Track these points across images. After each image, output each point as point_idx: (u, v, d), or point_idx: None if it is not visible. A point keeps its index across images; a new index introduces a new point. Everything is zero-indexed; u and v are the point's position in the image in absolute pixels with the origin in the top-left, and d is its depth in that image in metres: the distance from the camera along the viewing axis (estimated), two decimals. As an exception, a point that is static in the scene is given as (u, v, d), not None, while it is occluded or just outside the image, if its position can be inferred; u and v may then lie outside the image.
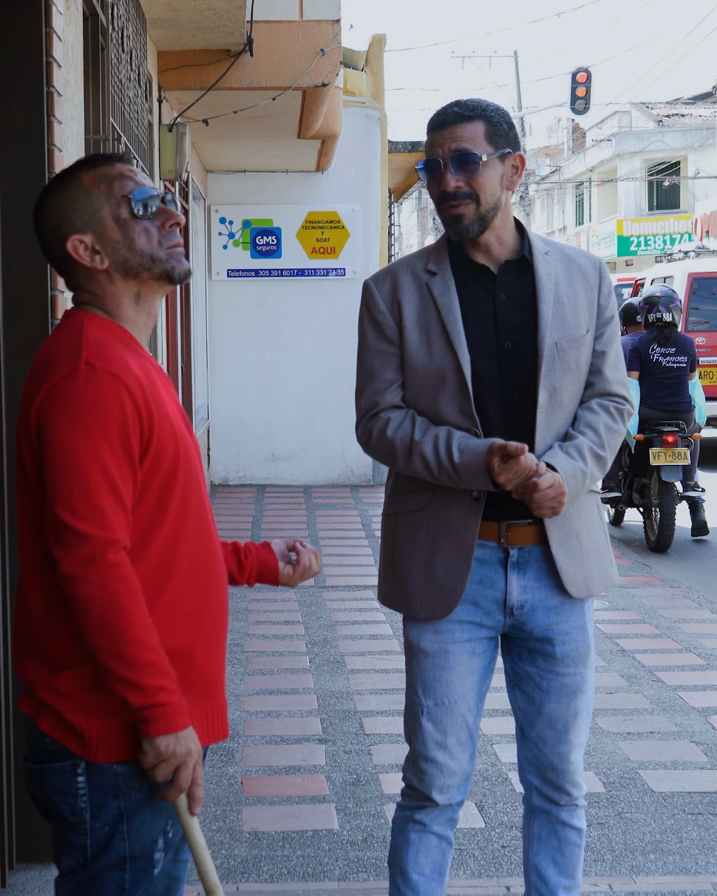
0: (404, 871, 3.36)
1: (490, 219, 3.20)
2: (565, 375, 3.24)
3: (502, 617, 3.28)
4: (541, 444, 3.22)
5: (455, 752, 3.31)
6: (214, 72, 9.15)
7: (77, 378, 2.40)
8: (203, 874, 2.50)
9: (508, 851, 4.56)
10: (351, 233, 14.23)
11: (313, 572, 2.85)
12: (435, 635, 3.29)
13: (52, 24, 4.27)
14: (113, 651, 2.37)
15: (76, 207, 2.53)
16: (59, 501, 2.38)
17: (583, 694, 3.34)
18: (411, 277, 3.28)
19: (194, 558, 2.53)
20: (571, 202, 49.08)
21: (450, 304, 3.22)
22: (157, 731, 2.38)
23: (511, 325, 3.24)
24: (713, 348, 16.37)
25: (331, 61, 9.37)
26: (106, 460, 2.38)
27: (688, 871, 4.42)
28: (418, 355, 3.24)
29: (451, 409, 3.22)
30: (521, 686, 3.37)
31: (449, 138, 3.17)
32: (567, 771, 3.36)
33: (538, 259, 3.26)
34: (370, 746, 5.62)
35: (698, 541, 11.12)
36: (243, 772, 5.32)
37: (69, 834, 2.49)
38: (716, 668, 6.94)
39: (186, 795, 2.45)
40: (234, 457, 14.43)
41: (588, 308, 3.28)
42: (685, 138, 40.44)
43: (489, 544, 3.26)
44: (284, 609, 8.34)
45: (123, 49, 6.71)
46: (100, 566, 2.36)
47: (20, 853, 4.35)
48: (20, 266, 4.21)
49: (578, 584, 3.28)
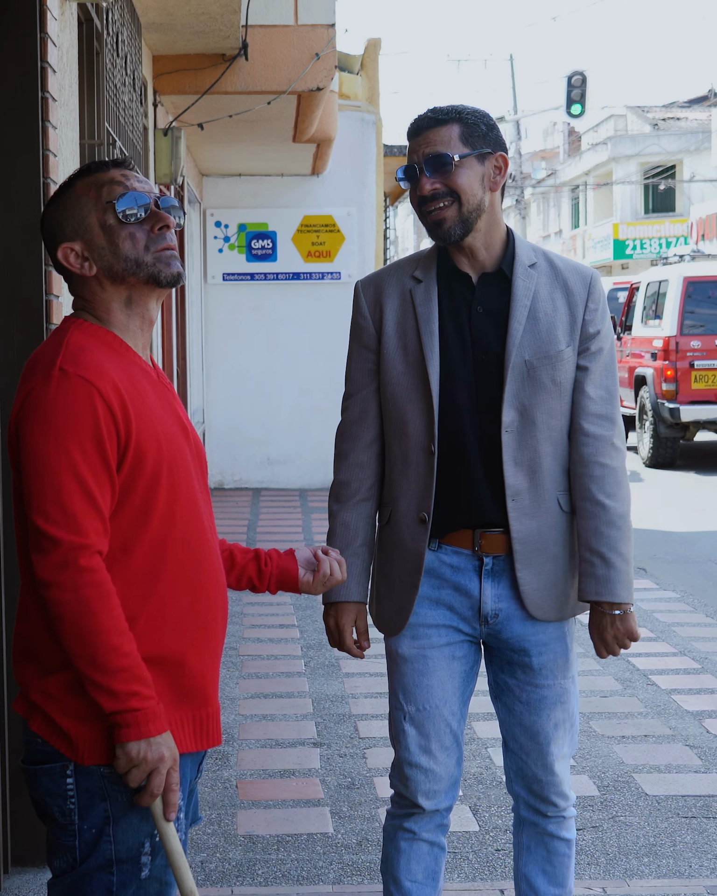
0: (397, 878, 3.34)
1: (473, 220, 3.16)
2: (537, 393, 3.18)
3: (478, 625, 3.25)
4: (509, 465, 3.17)
5: (440, 756, 3.29)
6: (209, 76, 9.17)
7: (49, 384, 2.41)
8: (179, 879, 2.50)
9: (502, 855, 4.56)
10: (346, 236, 14.25)
11: (336, 580, 2.81)
12: (413, 640, 3.27)
13: (47, 29, 4.28)
14: (86, 656, 2.38)
15: (68, 215, 2.55)
16: (33, 507, 2.39)
17: (564, 705, 3.30)
18: (396, 284, 3.27)
19: (185, 564, 2.53)
20: (567, 205, 49.10)
21: (429, 314, 3.20)
22: (128, 736, 2.39)
23: (485, 339, 3.20)
24: (708, 352, 16.39)
25: (326, 65, 9.39)
26: (79, 465, 2.39)
27: (682, 874, 4.43)
28: (393, 363, 3.23)
29: (416, 424, 3.20)
30: (502, 698, 3.34)
31: (424, 143, 3.15)
32: (552, 782, 3.32)
33: (519, 272, 3.21)
34: (365, 750, 5.63)
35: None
36: (238, 775, 5.33)
37: (60, 835, 2.51)
38: (710, 671, 6.95)
39: (160, 801, 2.45)
40: (229, 461, 14.43)
41: (570, 323, 3.21)
42: (681, 142, 40.48)
43: (464, 552, 3.23)
44: (280, 613, 8.35)
45: (118, 54, 6.72)
46: (71, 571, 2.37)
47: (15, 857, 4.35)
48: (15, 270, 4.22)
49: (544, 608, 3.22)
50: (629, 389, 17.88)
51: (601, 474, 3.22)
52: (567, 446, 3.25)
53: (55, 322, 4.33)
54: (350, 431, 3.32)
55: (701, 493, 14.44)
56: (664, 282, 17.34)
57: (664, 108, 46.23)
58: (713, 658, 7.22)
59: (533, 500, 3.20)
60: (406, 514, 3.24)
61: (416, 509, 3.22)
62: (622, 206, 42.10)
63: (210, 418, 14.41)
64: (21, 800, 4.18)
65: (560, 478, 3.24)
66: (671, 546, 10.93)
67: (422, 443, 3.20)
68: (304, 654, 7.27)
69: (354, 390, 3.31)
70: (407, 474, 3.23)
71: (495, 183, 3.19)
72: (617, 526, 3.22)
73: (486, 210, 3.18)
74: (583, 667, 6.94)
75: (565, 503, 3.24)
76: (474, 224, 3.17)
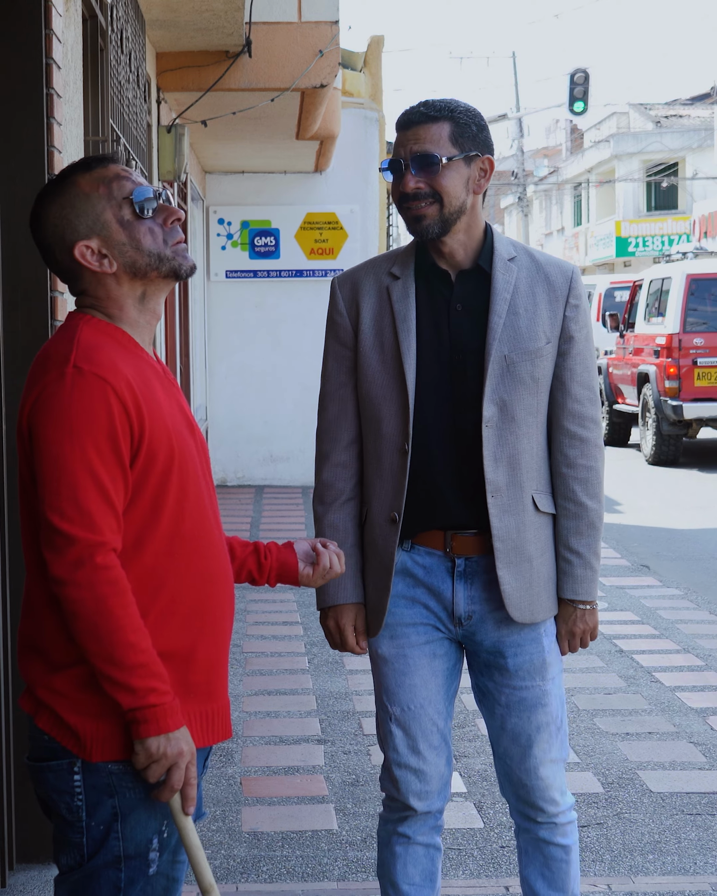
0: (395, 883, 3.31)
1: (453, 221, 3.11)
2: (516, 389, 3.14)
3: (452, 626, 3.23)
4: (489, 460, 3.14)
5: (429, 756, 3.26)
6: (213, 73, 9.16)
7: (64, 381, 2.40)
8: (198, 874, 2.50)
9: (507, 851, 4.56)
10: (349, 234, 14.24)
11: (336, 573, 2.81)
12: (391, 640, 3.25)
13: (52, 25, 4.28)
14: (103, 653, 2.37)
15: (78, 213, 2.52)
16: (48, 504, 2.39)
17: (545, 707, 3.24)
18: (373, 280, 3.22)
19: (194, 559, 2.53)
20: (569, 203, 49.08)
21: (406, 311, 3.16)
22: (148, 731, 2.39)
23: (463, 336, 3.16)
24: (711, 349, 16.39)
25: (329, 62, 9.38)
26: (94, 463, 2.39)
27: (687, 871, 4.43)
28: (370, 361, 3.19)
29: (390, 422, 3.17)
30: (484, 702, 3.31)
31: (412, 139, 3.10)
32: (537, 787, 3.27)
33: (498, 267, 3.16)
34: (369, 747, 5.63)
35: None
36: (243, 772, 5.33)
37: (67, 832, 2.51)
38: (714, 668, 6.95)
39: (179, 795, 2.46)
40: (232, 457, 14.44)
41: (550, 319, 3.16)
42: (684, 139, 40.45)
43: (436, 553, 3.21)
44: (283, 610, 8.35)
45: (123, 50, 6.72)
46: (88, 569, 2.36)
47: (20, 853, 4.35)
48: (20, 268, 4.22)
49: (522, 609, 3.19)
50: (631, 387, 17.87)
51: (586, 476, 3.22)
52: (544, 444, 3.22)
53: (60, 318, 4.33)
54: (330, 432, 3.28)
55: (705, 490, 14.44)
56: (667, 279, 17.31)
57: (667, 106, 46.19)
58: (716, 655, 7.23)
59: (512, 498, 3.16)
60: (378, 514, 3.21)
61: (388, 509, 3.19)
62: (625, 203, 42.07)
63: (213, 415, 14.42)
64: (26, 796, 4.19)
65: (536, 476, 3.20)
66: (675, 543, 10.93)
67: (396, 442, 3.16)
68: (307, 651, 7.27)
69: (331, 388, 3.27)
70: (381, 473, 3.20)
71: (479, 186, 3.14)
72: (597, 527, 3.25)
73: (467, 212, 3.14)
74: (586, 664, 6.95)
75: (540, 502, 3.20)
76: (453, 225, 3.13)
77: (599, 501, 3.25)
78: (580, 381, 3.21)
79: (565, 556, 3.23)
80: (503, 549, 3.16)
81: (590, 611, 3.27)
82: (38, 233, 2.57)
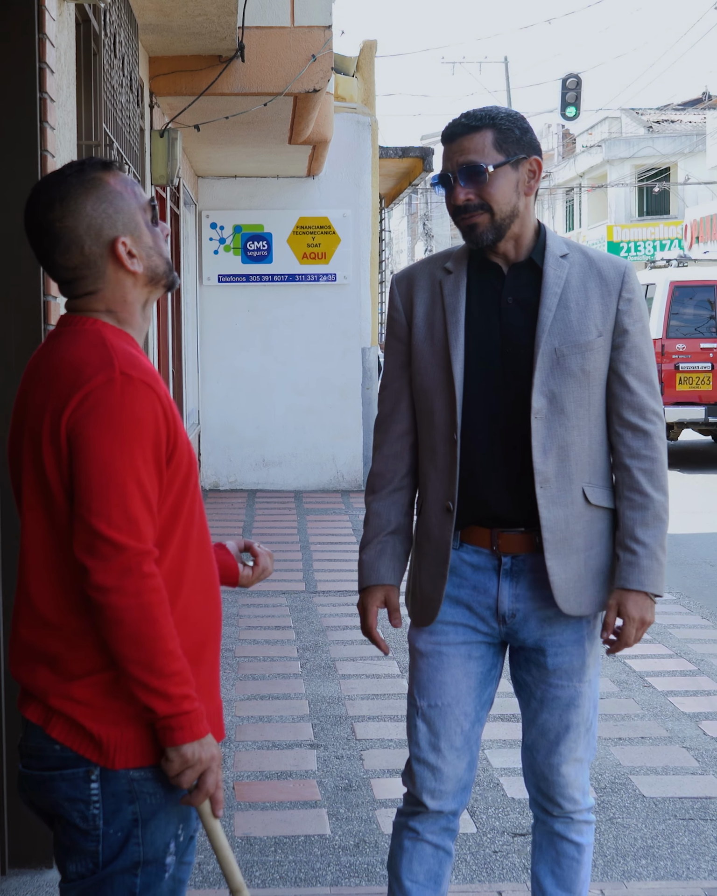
0: (399, 876, 3.34)
1: (507, 227, 3.17)
2: (566, 381, 3.18)
3: (496, 624, 3.27)
4: (538, 451, 3.17)
5: (448, 756, 3.28)
6: (206, 77, 9.17)
7: (113, 387, 2.37)
8: (228, 875, 2.54)
9: (499, 857, 4.56)
10: (342, 238, 14.25)
11: (268, 573, 2.85)
12: (429, 636, 3.29)
13: (45, 29, 4.27)
14: (143, 660, 2.36)
15: (116, 209, 2.48)
16: (93, 511, 2.35)
17: (578, 708, 3.29)
18: (427, 276, 3.29)
19: (199, 563, 2.53)
20: (561, 208, 49.15)
21: (456, 304, 3.22)
22: (183, 738, 2.39)
23: (514, 328, 3.21)
24: (692, 354, 17.11)
25: (322, 67, 9.39)
26: (140, 470, 2.37)
27: (679, 876, 4.43)
28: (422, 353, 3.26)
29: (442, 412, 3.23)
30: (520, 694, 3.36)
31: (457, 151, 3.14)
32: (558, 783, 3.31)
33: (549, 263, 3.21)
34: (362, 751, 5.63)
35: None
36: (235, 777, 5.32)
37: (78, 840, 2.47)
38: (707, 673, 6.95)
39: (209, 799, 2.48)
40: (224, 462, 14.43)
41: (602, 313, 3.20)
42: (675, 144, 40.54)
43: (483, 551, 3.25)
44: (276, 614, 8.34)
45: (115, 55, 6.72)
46: (135, 577, 2.35)
47: (12, 858, 4.34)
48: (13, 271, 4.21)
49: (570, 601, 3.22)
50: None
51: (650, 468, 3.24)
52: (598, 437, 3.24)
53: (52, 323, 4.32)
54: (384, 423, 3.37)
55: (690, 493, 14.46)
56: (651, 285, 17.80)
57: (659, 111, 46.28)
58: (709, 660, 7.23)
59: (560, 489, 3.19)
60: (434, 503, 3.27)
61: (443, 499, 3.24)
62: (617, 208, 42.16)
63: (205, 420, 14.41)
64: (18, 802, 4.17)
65: (588, 469, 3.23)
66: (667, 549, 10.90)
67: (446, 432, 3.22)
68: (300, 656, 7.27)
69: (386, 382, 3.36)
70: (435, 464, 3.26)
71: (529, 187, 3.19)
72: (663, 520, 3.26)
73: (519, 214, 3.19)
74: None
75: (591, 495, 3.23)
76: (507, 230, 3.18)
77: (664, 494, 3.26)
78: (637, 374, 3.24)
79: (632, 546, 3.23)
80: (552, 540, 3.19)
81: (652, 605, 3.26)
82: (61, 223, 2.47)
